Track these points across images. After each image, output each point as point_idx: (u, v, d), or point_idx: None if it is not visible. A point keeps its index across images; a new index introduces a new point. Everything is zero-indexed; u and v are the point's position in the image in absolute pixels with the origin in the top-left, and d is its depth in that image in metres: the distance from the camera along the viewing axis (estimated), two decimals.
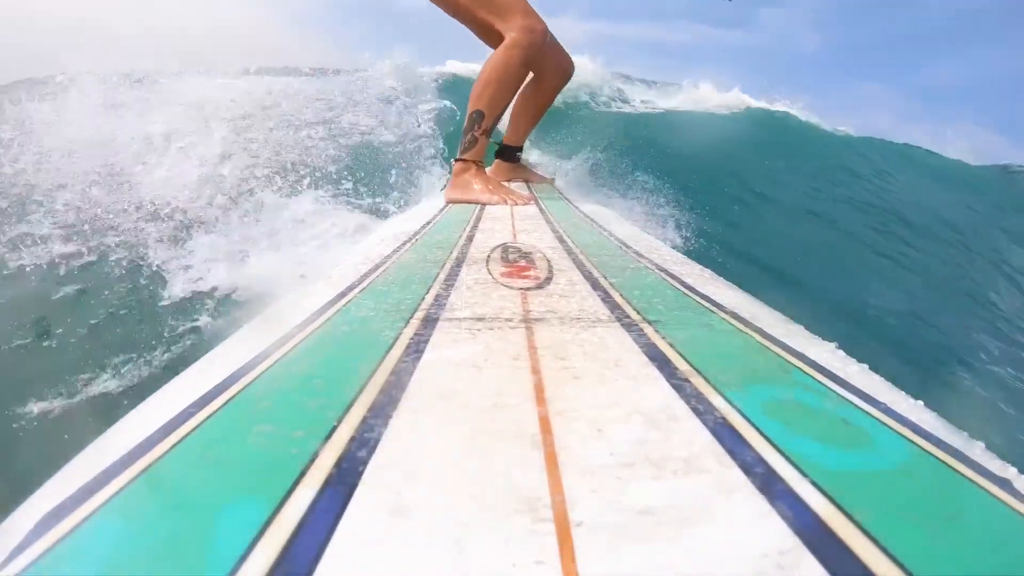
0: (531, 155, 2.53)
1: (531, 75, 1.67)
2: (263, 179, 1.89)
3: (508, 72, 1.36)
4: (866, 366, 0.39)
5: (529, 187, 1.66)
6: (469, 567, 0.18)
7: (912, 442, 0.28)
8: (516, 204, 1.27)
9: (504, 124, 1.75)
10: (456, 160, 1.41)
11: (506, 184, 1.54)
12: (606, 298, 0.51)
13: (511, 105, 1.65)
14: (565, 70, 1.75)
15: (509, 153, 1.81)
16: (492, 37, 1.45)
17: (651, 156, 2.77)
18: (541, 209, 1.21)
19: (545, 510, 0.21)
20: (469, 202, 1.30)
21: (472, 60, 4.09)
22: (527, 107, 1.76)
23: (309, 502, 0.21)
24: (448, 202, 1.33)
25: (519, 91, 1.61)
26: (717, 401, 0.30)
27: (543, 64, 1.63)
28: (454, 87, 3.28)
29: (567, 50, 1.74)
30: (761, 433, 0.27)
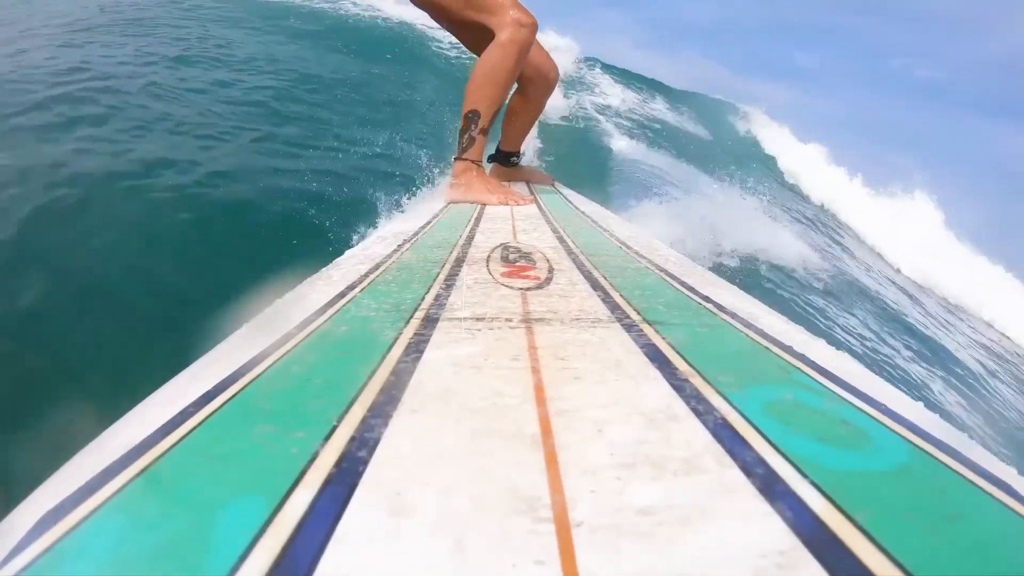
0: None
1: (515, 85, 1.63)
2: None
3: (501, 68, 1.34)
4: (866, 366, 0.39)
5: (529, 187, 1.66)
6: (469, 567, 0.18)
7: (911, 442, 0.28)
8: (518, 204, 1.26)
9: (498, 127, 1.73)
10: (456, 160, 1.40)
11: (506, 184, 1.52)
12: (606, 298, 0.51)
13: (502, 112, 1.62)
14: (546, 75, 1.71)
15: (505, 158, 1.80)
16: (479, 42, 1.43)
17: None
18: (541, 209, 1.21)
19: (545, 510, 0.21)
20: (471, 202, 1.30)
21: None
22: (517, 118, 1.74)
23: (309, 502, 0.21)
24: (449, 202, 1.32)
25: (507, 105, 1.59)
26: (717, 401, 0.30)
27: (524, 70, 1.58)
28: None
29: None
30: (761, 433, 0.27)
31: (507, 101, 1.62)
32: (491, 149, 1.75)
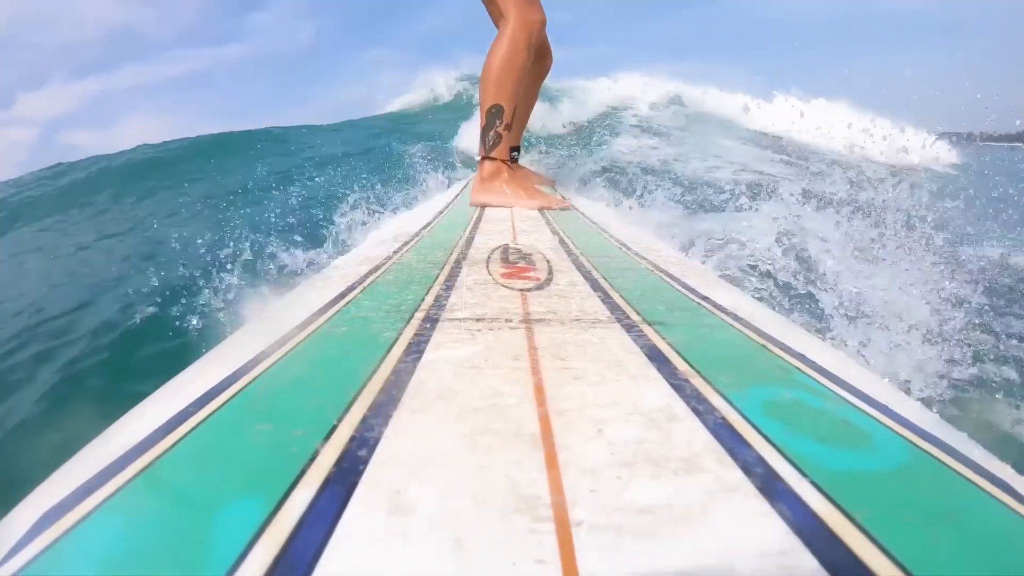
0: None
1: None
2: None
3: (516, 62, 1.28)
4: (865, 367, 0.39)
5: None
6: (469, 566, 0.18)
7: (911, 442, 0.28)
8: (554, 208, 1.19)
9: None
10: (484, 159, 1.31)
11: (539, 187, 1.44)
12: (606, 299, 0.51)
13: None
14: (544, 63, 1.69)
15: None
16: (492, 6, 1.39)
17: None
18: (541, 210, 1.21)
19: (545, 510, 0.21)
20: (501, 205, 1.21)
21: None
22: (517, 108, 1.74)
23: (309, 501, 0.21)
24: (474, 205, 1.23)
25: None
26: (717, 401, 0.30)
27: None
28: None
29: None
30: (761, 433, 0.27)
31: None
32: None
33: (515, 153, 1.80)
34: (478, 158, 1.35)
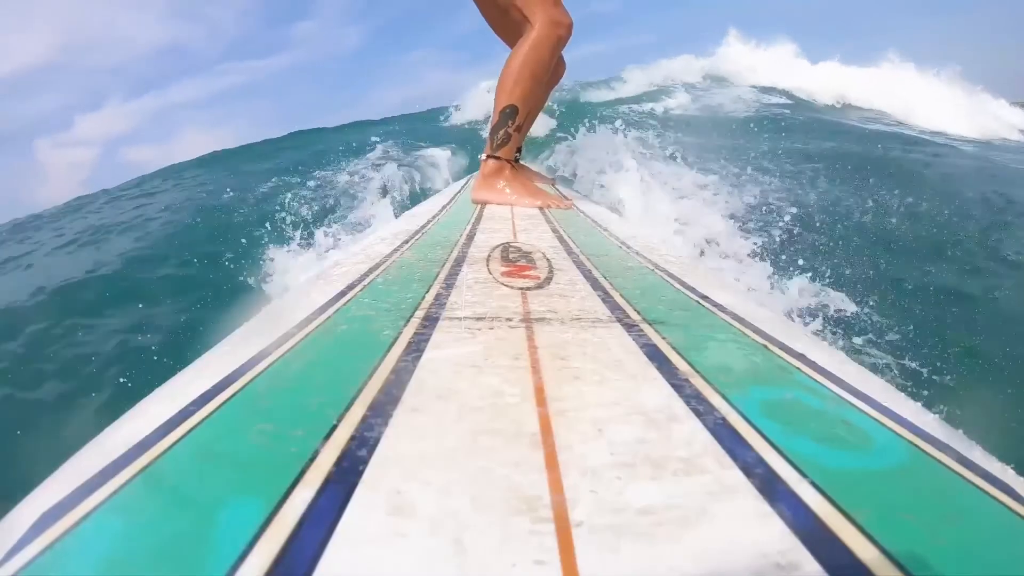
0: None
1: None
2: None
3: (539, 64, 1.28)
4: (865, 367, 0.39)
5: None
6: (469, 567, 0.18)
7: (911, 443, 0.28)
8: (554, 207, 1.19)
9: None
10: (488, 158, 1.31)
11: (541, 186, 1.44)
12: (606, 298, 0.51)
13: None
14: (557, 70, 1.69)
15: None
16: (509, 28, 1.38)
17: None
18: (541, 209, 1.21)
19: (545, 510, 0.21)
20: (502, 204, 1.22)
21: None
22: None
23: (309, 501, 0.21)
24: (476, 203, 1.24)
25: None
26: (717, 401, 0.30)
27: None
28: None
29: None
30: (761, 433, 0.27)
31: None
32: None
33: (517, 154, 1.81)
34: (482, 157, 1.34)
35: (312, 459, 0.24)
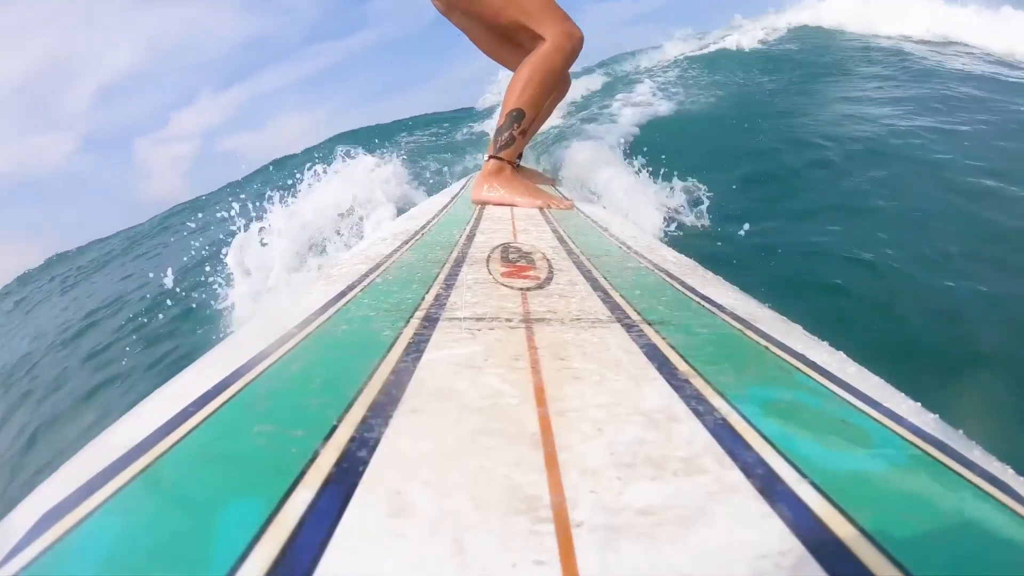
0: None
1: None
2: None
3: (550, 72, 1.31)
4: (865, 368, 0.39)
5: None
6: (469, 567, 0.18)
7: (911, 443, 0.28)
8: (556, 208, 1.20)
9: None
10: (490, 158, 1.33)
11: (541, 186, 1.46)
12: (606, 298, 0.51)
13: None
14: (563, 86, 1.71)
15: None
16: (509, 52, 1.40)
17: None
18: (541, 209, 1.21)
19: (545, 510, 0.21)
20: (501, 204, 1.23)
21: None
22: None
23: (309, 501, 0.21)
24: (475, 203, 1.25)
25: None
26: (717, 402, 0.30)
27: None
28: None
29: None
30: (761, 434, 0.27)
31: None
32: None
33: (517, 161, 1.81)
34: (484, 158, 1.36)
35: (312, 460, 0.24)
